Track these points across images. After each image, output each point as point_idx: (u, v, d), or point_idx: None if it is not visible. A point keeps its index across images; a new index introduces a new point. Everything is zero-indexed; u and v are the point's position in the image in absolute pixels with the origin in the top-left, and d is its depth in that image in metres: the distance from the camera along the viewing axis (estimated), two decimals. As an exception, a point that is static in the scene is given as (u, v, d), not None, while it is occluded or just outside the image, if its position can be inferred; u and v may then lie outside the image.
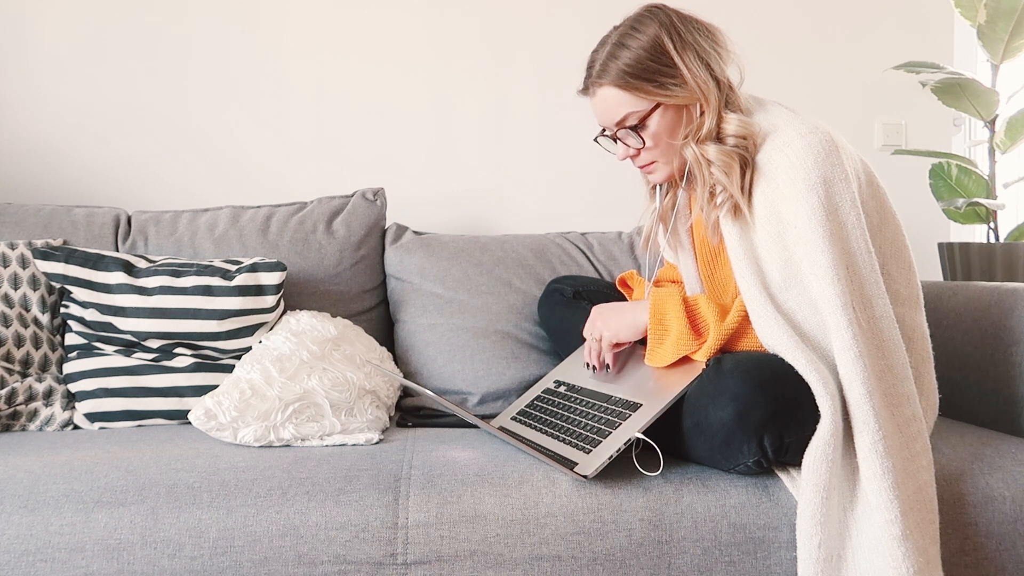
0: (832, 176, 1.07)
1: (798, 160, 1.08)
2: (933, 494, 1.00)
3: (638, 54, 1.15)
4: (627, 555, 1.02)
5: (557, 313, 1.54)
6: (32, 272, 1.51)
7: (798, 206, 1.07)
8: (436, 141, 2.05)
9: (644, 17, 1.18)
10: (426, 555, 1.01)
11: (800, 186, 1.07)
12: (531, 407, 1.36)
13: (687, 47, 1.15)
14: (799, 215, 1.07)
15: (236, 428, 1.23)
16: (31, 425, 1.40)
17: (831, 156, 1.08)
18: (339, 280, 1.68)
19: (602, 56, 1.18)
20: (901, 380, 1.05)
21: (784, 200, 1.09)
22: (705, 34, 1.17)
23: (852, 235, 1.07)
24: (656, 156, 1.21)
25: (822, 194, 1.06)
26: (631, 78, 1.15)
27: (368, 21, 2.03)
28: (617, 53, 1.16)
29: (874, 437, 0.98)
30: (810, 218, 1.06)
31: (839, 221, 1.07)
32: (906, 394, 1.04)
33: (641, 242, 1.38)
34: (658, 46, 1.14)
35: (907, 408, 1.03)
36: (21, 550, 0.97)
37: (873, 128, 2.17)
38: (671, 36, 1.15)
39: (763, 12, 2.10)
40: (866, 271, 1.07)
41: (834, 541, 0.97)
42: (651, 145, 1.20)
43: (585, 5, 2.06)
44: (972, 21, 1.83)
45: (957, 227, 2.15)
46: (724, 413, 1.02)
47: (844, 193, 1.07)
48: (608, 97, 1.18)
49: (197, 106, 1.98)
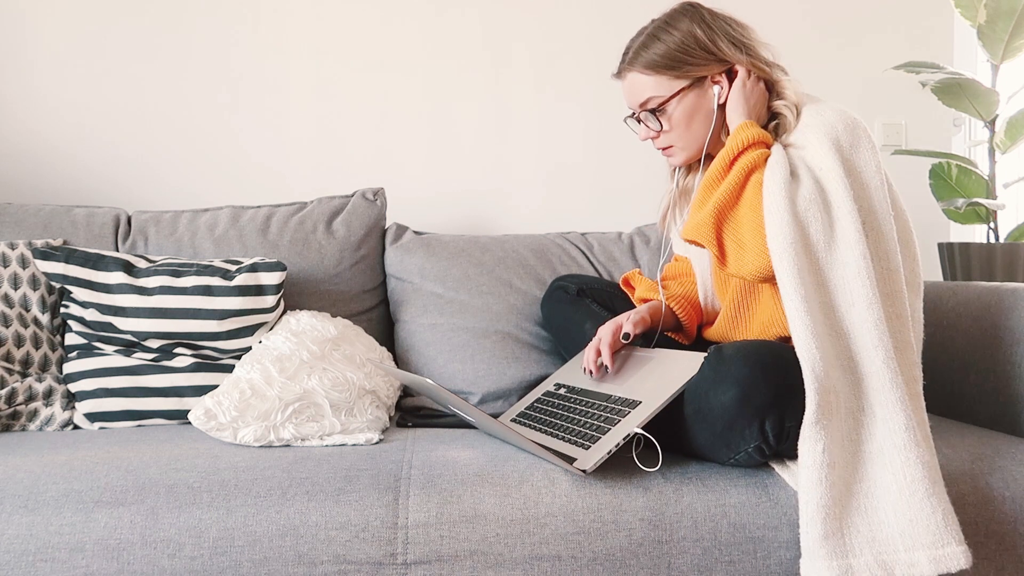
0: (859, 142, 1.16)
1: (829, 124, 1.18)
2: (926, 420, 1.05)
3: (668, 46, 1.25)
4: (627, 555, 1.02)
5: (560, 311, 1.54)
6: (32, 272, 1.51)
7: (826, 158, 1.14)
8: (436, 141, 2.06)
9: (678, 13, 1.28)
10: (426, 555, 1.01)
11: (828, 145, 1.15)
12: (531, 408, 1.36)
13: (716, 34, 1.25)
14: (827, 163, 1.13)
15: (236, 428, 1.23)
16: (31, 425, 1.40)
17: (859, 129, 1.17)
18: (339, 280, 1.68)
19: (635, 45, 1.29)
20: (907, 327, 1.10)
21: (812, 152, 1.16)
22: (736, 27, 1.27)
23: (874, 195, 1.14)
24: (673, 140, 1.30)
25: (848, 154, 1.15)
26: (657, 65, 1.26)
27: (368, 21, 2.03)
28: (649, 43, 1.27)
29: (886, 354, 1.03)
30: (837, 168, 1.12)
31: (862, 182, 1.14)
32: (909, 341, 1.09)
33: (659, 219, 1.45)
34: (689, 38, 1.25)
35: (910, 353, 1.08)
36: (21, 550, 0.97)
37: (873, 128, 2.17)
38: (702, 28, 1.25)
39: (763, 12, 2.08)
40: (885, 228, 1.13)
41: (837, 448, 0.99)
42: (668, 128, 1.29)
43: (585, 4, 2.06)
44: (972, 21, 1.83)
45: (957, 227, 2.15)
46: (726, 397, 1.03)
47: (869, 158, 1.15)
48: (635, 81, 1.29)
49: (197, 106, 1.98)
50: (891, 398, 1.01)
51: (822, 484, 0.96)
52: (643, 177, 1.36)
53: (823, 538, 0.95)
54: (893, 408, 1.00)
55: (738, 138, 1.21)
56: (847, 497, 0.98)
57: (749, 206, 1.14)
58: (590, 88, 2.05)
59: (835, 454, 0.98)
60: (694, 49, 1.24)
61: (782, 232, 1.08)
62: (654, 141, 1.33)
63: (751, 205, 1.14)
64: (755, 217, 1.13)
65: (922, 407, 1.06)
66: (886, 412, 1.01)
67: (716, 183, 1.20)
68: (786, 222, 1.09)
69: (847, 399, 1.03)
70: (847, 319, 1.07)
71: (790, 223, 1.08)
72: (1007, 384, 1.32)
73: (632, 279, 1.54)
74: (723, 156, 1.21)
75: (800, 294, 1.05)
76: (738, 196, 1.16)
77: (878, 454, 1.00)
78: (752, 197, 1.15)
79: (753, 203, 1.14)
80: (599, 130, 2.07)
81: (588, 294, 1.52)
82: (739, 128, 1.22)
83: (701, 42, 1.24)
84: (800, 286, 1.05)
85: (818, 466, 0.97)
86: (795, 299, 1.05)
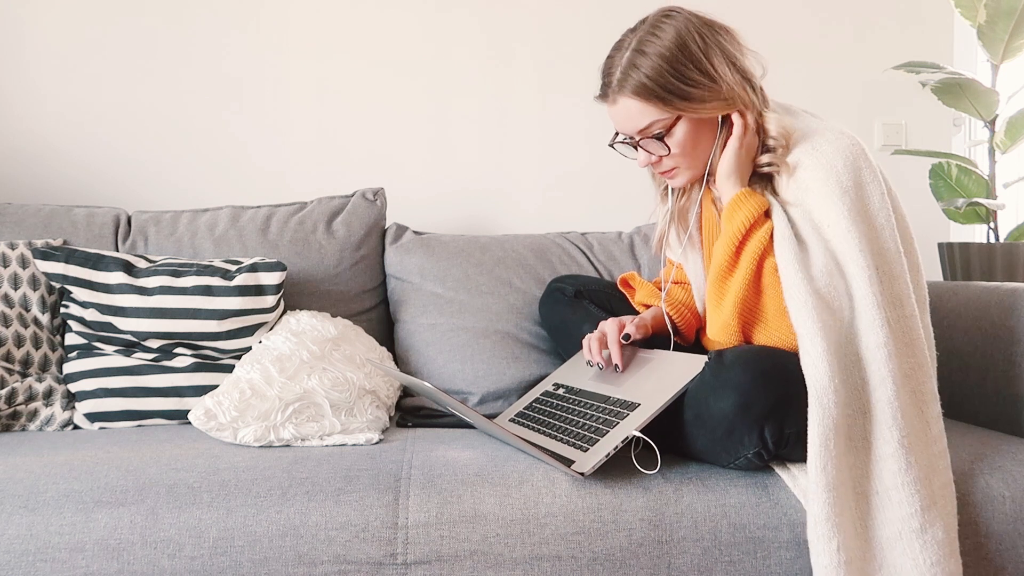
0: (862, 179, 1.10)
1: (828, 163, 1.10)
2: (952, 492, 1.03)
3: (659, 64, 1.12)
4: (627, 555, 1.02)
5: (558, 312, 1.53)
6: (32, 272, 1.51)
7: (831, 208, 1.09)
8: (436, 141, 2.05)
9: (662, 22, 1.14)
10: (426, 555, 1.01)
11: (833, 189, 1.09)
12: (529, 408, 1.36)
13: (711, 49, 1.13)
14: (833, 216, 1.08)
15: (236, 428, 1.23)
16: (31, 425, 1.40)
17: (860, 159, 1.11)
18: (339, 280, 1.68)
19: (621, 63, 1.15)
20: (930, 378, 1.07)
21: (815, 200, 1.11)
22: (724, 34, 1.16)
23: (883, 235, 1.10)
24: (679, 162, 1.21)
25: (854, 196, 1.09)
26: (656, 88, 1.12)
27: (368, 21, 2.02)
28: (637, 61, 1.13)
29: (901, 433, 1.00)
30: (845, 219, 1.08)
31: (871, 223, 1.09)
32: (932, 392, 1.07)
33: (655, 244, 1.39)
34: (681, 53, 1.12)
35: (933, 407, 1.06)
36: (21, 550, 0.97)
37: (873, 128, 2.17)
38: (694, 40, 1.13)
39: (763, 12, 2.10)
40: (897, 269, 1.09)
41: (851, 542, 0.97)
42: (676, 152, 1.19)
43: (586, 4, 2.06)
44: (972, 21, 1.83)
45: (957, 227, 2.15)
46: (726, 404, 1.03)
47: (874, 194, 1.11)
48: (631, 107, 1.16)
49: (197, 106, 1.98)
50: (906, 479, 0.99)
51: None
52: (644, 177, 1.36)
53: None
54: (910, 488, 0.98)
55: (738, 219, 1.13)
56: None
57: (770, 295, 1.11)
58: (592, 88, 2.04)
59: (851, 549, 0.96)
60: (690, 65, 1.12)
61: (810, 317, 1.04)
62: (655, 166, 1.23)
63: (772, 294, 1.11)
64: (778, 304, 1.10)
65: (943, 454, 1.04)
66: (901, 496, 0.98)
67: (727, 275, 1.14)
68: (811, 305, 1.05)
69: (859, 480, 1.01)
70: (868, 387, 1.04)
71: (814, 306, 1.05)
72: (1007, 384, 1.32)
73: (631, 280, 1.54)
74: (728, 243, 1.14)
75: (835, 367, 1.01)
76: (757, 288, 1.12)
77: (896, 539, 0.98)
78: (771, 285, 1.11)
79: (773, 291, 1.11)
80: (600, 130, 2.06)
81: (586, 295, 1.51)
82: (735, 202, 1.14)
83: (694, 61, 1.12)
84: (835, 362, 1.02)
85: (835, 566, 0.95)
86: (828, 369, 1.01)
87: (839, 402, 1.00)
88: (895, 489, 0.99)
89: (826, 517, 0.96)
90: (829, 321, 1.05)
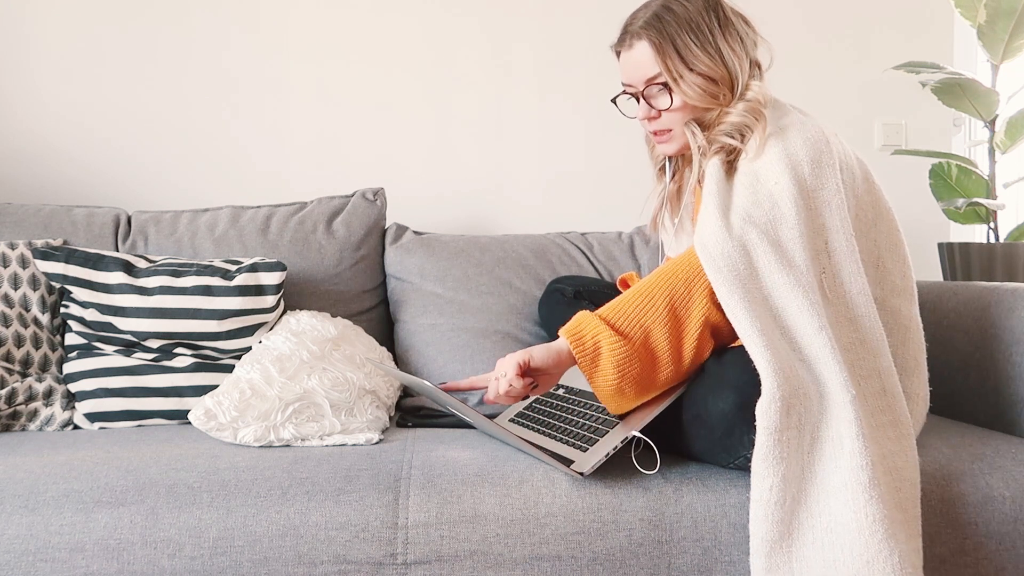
0: (817, 158, 1.11)
1: (786, 141, 1.13)
2: (904, 466, 1.00)
3: (683, 18, 1.18)
4: (627, 555, 1.02)
5: (558, 313, 1.53)
6: (32, 272, 1.51)
7: (778, 178, 1.10)
8: (436, 141, 2.06)
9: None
10: (426, 555, 1.01)
11: (783, 162, 1.11)
12: (529, 408, 1.36)
13: (729, 25, 1.20)
14: (779, 188, 1.09)
15: (236, 428, 1.23)
16: (31, 425, 1.40)
17: (819, 143, 1.12)
18: (339, 280, 1.68)
19: (645, 14, 1.21)
20: (874, 355, 1.06)
21: (764, 169, 1.12)
22: (739, 17, 1.22)
23: (831, 213, 1.10)
24: (676, 122, 1.23)
25: (805, 171, 1.10)
26: (673, 37, 1.18)
27: (368, 21, 2.03)
28: (662, 14, 1.19)
29: (850, 396, 0.98)
30: (787, 190, 1.08)
31: (819, 199, 1.10)
32: (876, 368, 1.05)
33: (649, 223, 1.41)
34: (704, 16, 1.18)
35: (875, 382, 1.05)
36: (21, 550, 0.97)
37: (873, 128, 2.17)
38: (716, 12, 1.19)
39: (763, 12, 2.09)
40: (843, 248, 1.09)
41: (789, 485, 0.95)
42: (678, 106, 1.21)
43: (586, 5, 2.06)
44: (972, 21, 1.83)
45: (957, 227, 2.15)
46: (725, 404, 1.03)
47: (828, 176, 1.11)
48: (644, 53, 1.20)
49: (197, 106, 1.98)
50: (852, 431, 0.96)
51: (768, 520, 0.94)
52: (644, 177, 1.36)
53: (766, 571, 0.94)
54: (853, 441, 0.95)
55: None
56: (804, 530, 0.94)
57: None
58: (592, 89, 2.05)
59: (788, 489, 0.95)
60: (708, 29, 1.18)
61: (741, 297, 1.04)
62: (650, 123, 1.24)
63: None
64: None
65: (904, 424, 1.02)
66: (853, 445, 0.95)
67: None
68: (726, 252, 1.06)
69: (813, 426, 0.99)
70: (808, 348, 1.03)
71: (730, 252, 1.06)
72: (1007, 384, 1.32)
73: (631, 280, 1.54)
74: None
75: (757, 327, 1.01)
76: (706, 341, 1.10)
77: (841, 488, 0.95)
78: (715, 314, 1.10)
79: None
80: (600, 130, 2.08)
81: (586, 296, 1.51)
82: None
83: (713, 27, 1.18)
84: (752, 317, 1.02)
85: (764, 502, 0.94)
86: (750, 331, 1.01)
87: (788, 374, 0.98)
88: (848, 438, 0.96)
89: (763, 456, 0.95)
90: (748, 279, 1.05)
